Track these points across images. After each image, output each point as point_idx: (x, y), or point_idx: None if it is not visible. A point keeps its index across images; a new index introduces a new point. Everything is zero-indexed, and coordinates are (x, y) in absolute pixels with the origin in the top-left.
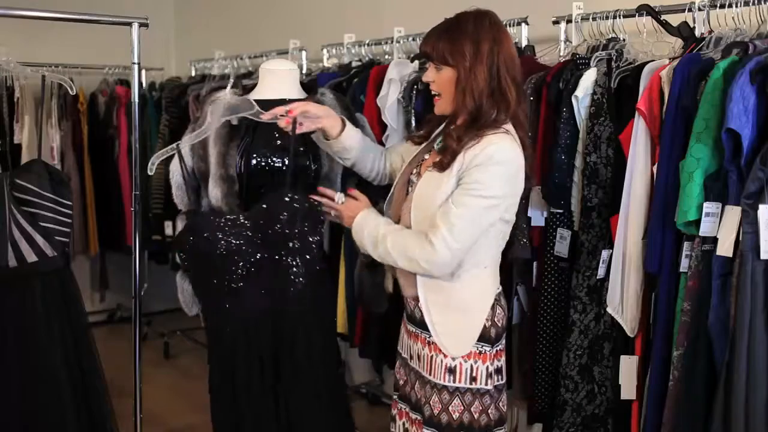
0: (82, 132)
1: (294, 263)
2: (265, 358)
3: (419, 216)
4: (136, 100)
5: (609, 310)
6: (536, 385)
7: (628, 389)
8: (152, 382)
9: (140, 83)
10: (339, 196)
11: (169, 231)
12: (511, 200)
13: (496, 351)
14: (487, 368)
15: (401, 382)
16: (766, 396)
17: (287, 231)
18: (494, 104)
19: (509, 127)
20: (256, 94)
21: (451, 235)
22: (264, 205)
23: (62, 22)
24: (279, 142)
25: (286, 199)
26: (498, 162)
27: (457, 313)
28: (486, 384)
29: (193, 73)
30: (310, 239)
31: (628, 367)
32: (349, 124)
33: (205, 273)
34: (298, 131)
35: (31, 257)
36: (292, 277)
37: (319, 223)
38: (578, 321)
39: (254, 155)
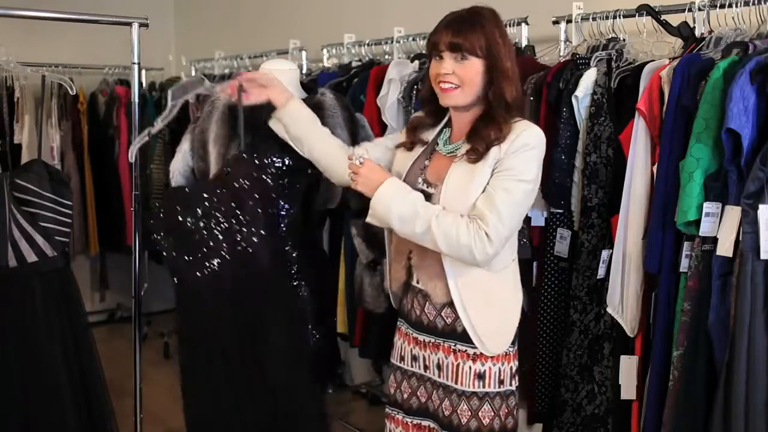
0: (82, 132)
1: (245, 228)
2: (238, 324)
3: (450, 210)
4: (136, 100)
5: (609, 310)
6: (536, 385)
7: (628, 389)
8: (152, 382)
9: (140, 83)
10: (357, 157)
11: None
12: (536, 186)
13: (516, 350)
14: (512, 368)
15: (405, 396)
16: (766, 396)
17: (245, 196)
18: (520, 100)
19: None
20: None
21: (501, 222)
22: (228, 169)
23: (62, 22)
24: (279, 142)
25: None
26: (533, 147)
27: (496, 309)
28: (511, 384)
29: (193, 73)
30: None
31: (628, 367)
32: (298, 100)
33: (174, 243)
34: (246, 101)
35: (31, 257)
36: (244, 241)
37: (275, 191)
38: (578, 321)
39: (254, 156)
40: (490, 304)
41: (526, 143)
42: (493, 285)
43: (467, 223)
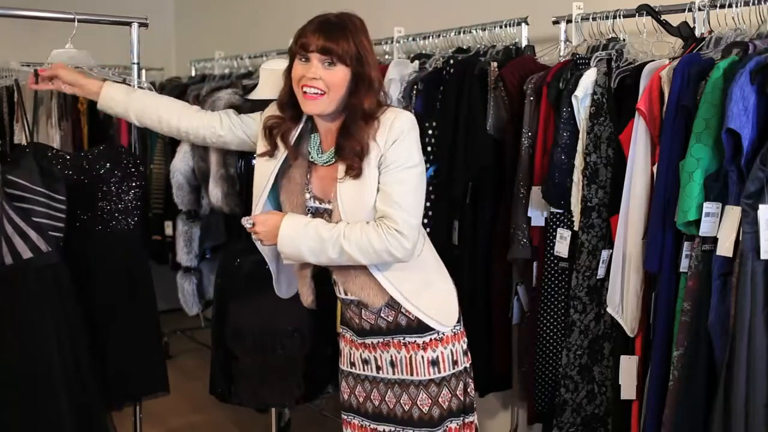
0: (82, 132)
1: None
2: None
3: (353, 220)
4: None
5: (609, 310)
6: (536, 385)
7: (628, 389)
8: None
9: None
10: (245, 220)
11: (169, 231)
12: (423, 166)
13: (462, 328)
14: (462, 346)
15: (360, 399)
16: (766, 396)
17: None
18: (378, 102)
19: None
20: (256, 94)
21: (407, 213)
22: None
23: (62, 22)
24: None
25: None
26: (407, 131)
27: (432, 289)
28: (464, 362)
29: (193, 73)
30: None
31: (628, 367)
32: (111, 85)
33: None
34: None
35: (26, 253)
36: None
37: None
38: (578, 321)
39: (254, 155)
40: (425, 287)
41: (401, 131)
42: (419, 269)
43: (375, 228)
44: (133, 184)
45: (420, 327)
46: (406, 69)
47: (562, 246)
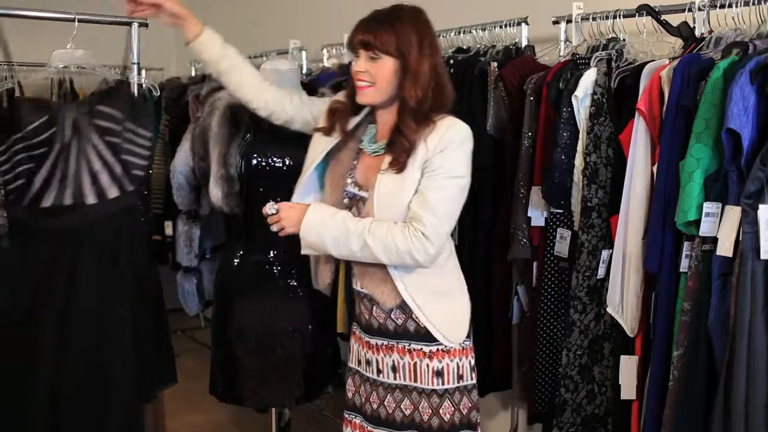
0: None
1: None
2: None
3: (384, 216)
4: None
5: (609, 310)
6: (536, 385)
7: (628, 389)
8: None
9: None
10: (269, 206)
11: (169, 231)
12: (469, 180)
13: (472, 344)
14: (470, 362)
15: (362, 399)
16: (766, 396)
17: None
18: (434, 97)
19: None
20: None
21: (437, 219)
22: None
23: (62, 22)
24: (279, 142)
25: None
26: (460, 143)
27: (447, 301)
28: (471, 379)
29: (193, 73)
30: None
31: (628, 367)
32: (211, 33)
33: None
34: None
35: (111, 191)
36: None
37: None
38: (578, 321)
39: (254, 155)
40: (440, 298)
41: (452, 139)
42: (439, 279)
43: (401, 229)
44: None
45: (427, 336)
46: None
47: (562, 246)
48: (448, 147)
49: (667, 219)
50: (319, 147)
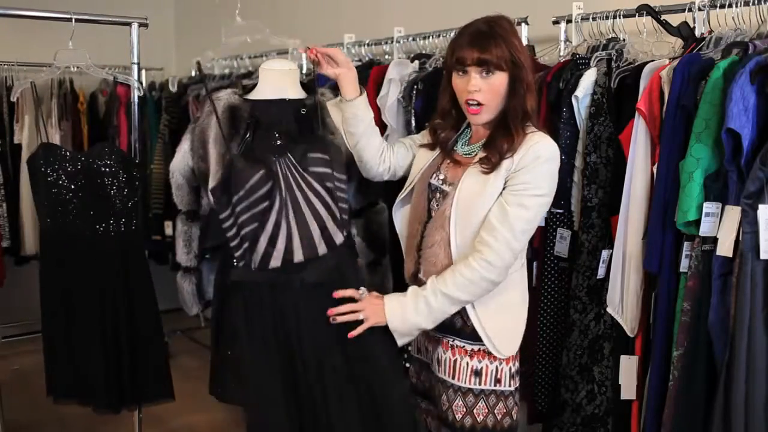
0: (82, 132)
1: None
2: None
3: (461, 215)
4: (136, 100)
5: (609, 310)
6: (536, 385)
7: (628, 389)
8: None
9: (140, 83)
10: (362, 291)
11: (169, 231)
12: (551, 198)
13: (517, 352)
14: (510, 369)
15: (427, 385)
16: (766, 396)
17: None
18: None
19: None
20: (256, 94)
21: (513, 236)
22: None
23: (62, 22)
24: (279, 142)
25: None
26: (546, 160)
27: (507, 313)
28: (509, 385)
29: (193, 73)
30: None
31: (628, 367)
32: (364, 97)
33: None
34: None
35: (321, 248)
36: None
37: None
38: (578, 321)
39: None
40: (501, 309)
41: (538, 156)
42: (502, 291)
43: (466, 265)
44: (135, 185)
45: (472, 335)
46: (406, 69)
47: (562, 246)
48: (532, 163)
49: (667, 219)
50: (422, 161)
